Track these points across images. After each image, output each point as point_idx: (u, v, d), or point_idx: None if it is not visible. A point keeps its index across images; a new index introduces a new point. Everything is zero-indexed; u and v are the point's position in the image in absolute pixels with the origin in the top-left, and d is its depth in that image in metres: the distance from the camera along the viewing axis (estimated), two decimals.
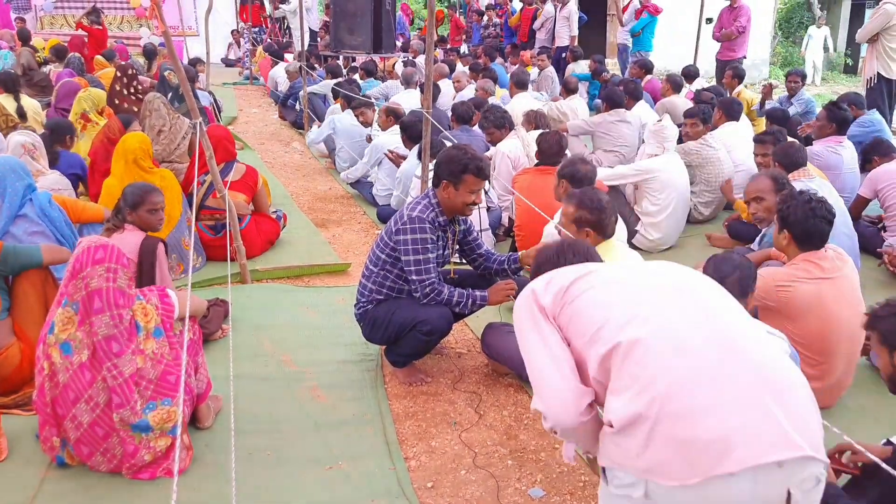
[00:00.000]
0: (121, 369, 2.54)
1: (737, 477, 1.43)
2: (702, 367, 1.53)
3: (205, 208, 4.81)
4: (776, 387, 1.52)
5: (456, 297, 3.25)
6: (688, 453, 1.47)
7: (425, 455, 2.92)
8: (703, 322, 1.62)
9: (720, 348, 1.56)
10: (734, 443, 1.44)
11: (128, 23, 16.09)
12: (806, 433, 1.47)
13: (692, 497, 1.48)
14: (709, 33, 9.80)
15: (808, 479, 1.48)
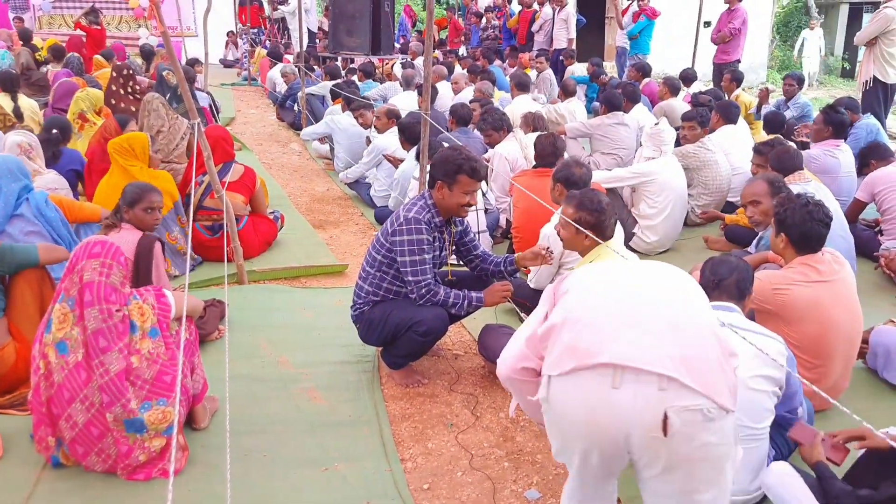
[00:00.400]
0: (107, 367, 2.54)
1: (600, 372, 1.63)
2: (621, 308, 1.74)
3: (202, 209, 4.80)
4: (683, 334, 1.66)
5: (452, 299, 3.25)
6: (574, 350, 1.69)
7: (422, 457, 2.91)
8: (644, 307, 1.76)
9: (649, 311, 1.72)
10: (609, 346, 1.65)
11: (126, 23, 16.06)
12: (698, 373, 1.60)
13: (570, 388, 1.69)
14: (707, 37, 9.82)
15: (692, 409, 1.59)
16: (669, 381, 1.60)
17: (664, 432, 1.61)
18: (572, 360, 1.69)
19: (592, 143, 6.75)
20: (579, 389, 1.69)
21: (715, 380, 1.63)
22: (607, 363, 1.64)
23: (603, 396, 1.65)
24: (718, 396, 1.61)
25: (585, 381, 1.68)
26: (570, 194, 3.36)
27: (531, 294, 4.03)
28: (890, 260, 4.51)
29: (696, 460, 1.66)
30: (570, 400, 1.71)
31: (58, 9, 15.47)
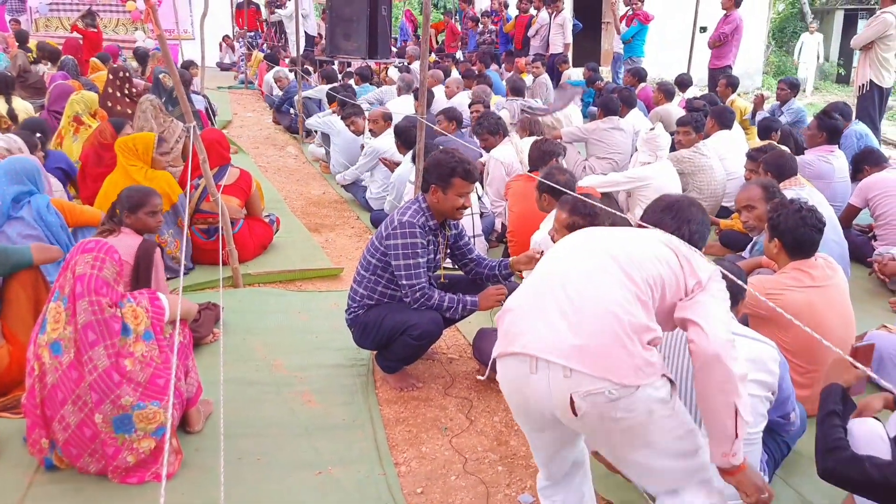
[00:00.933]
0: (95, 363, 2.53)
1: (520, 359, 1.83)
2: (542, 297, 1.89)
3: (199, 212, 4.80)
4: (583, 323, 1.79)
5: (447, 303, 3.25)
6: (504, 336, 1.91)
7: (415, 461, 2.91)
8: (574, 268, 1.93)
9: (563, 300, 1.85)
10: (524, 337, 1.84)
11: (123, 26, 16.08)
12: (596, 359, 1.73)
13: (503, 370, 1.92)
14: (702, 42, 9.85)
15: (594, 393, 1.73)
16: (572, 369, 1.75)
17: (574, 413, 1.77)
18: (501, 345, 1.92)
19: (588, 147, 6.76)
20: (509, 372, 1.91)
21: (614, 363, 1.73)
22: (521, 353, 1.83)
23: (524, 380, 1.85)
24: (620, 378, 1.72)
25: (511, 366, 1.89)
26: (563, 199, 3.37)
27: None
28: (883, 265, 4.53)
29: (614, 431, 1.82)
30: (504, 380, 1.95)
31: (54, 11, 15.49)
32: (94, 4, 14.90)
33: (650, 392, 1.76)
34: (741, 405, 1.77)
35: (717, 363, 1.76)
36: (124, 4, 14.90)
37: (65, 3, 15.67)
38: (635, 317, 1.78)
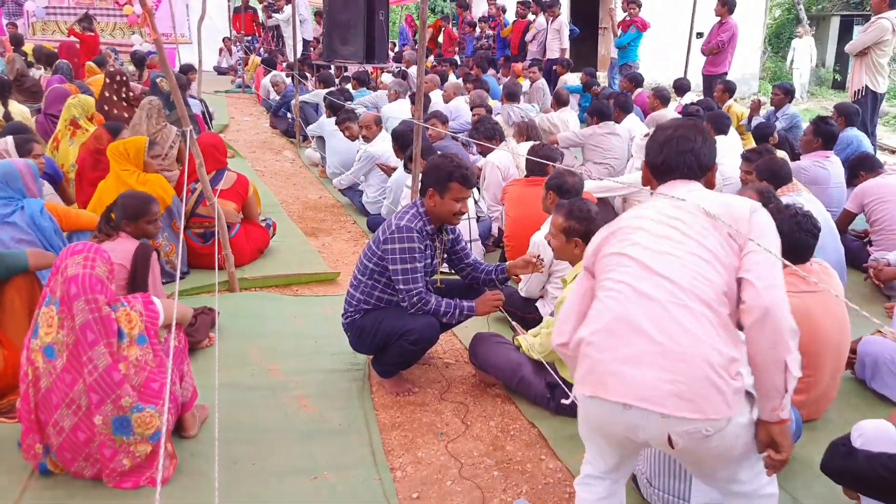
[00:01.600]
0: (95, 362, 2.53)
1: (612, 404, 1.85)
2: (631, 320, 1.88)
3: (195, 216, 4.79)
4: (676, 371, 1.80)
5: (443, 308, 3.25)
6: (591, 378, 1.91)
7: (411, 466, 2.91)
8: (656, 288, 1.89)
9: (651, 315, 1.87)
10: (615, 380, 1.85)
11: (120, 30, 16.07)
12: (692, 403, 1.77)
13: (590, 404, 1.94)
14: (698, 48, 9.88)
15: (692, 432, 1.79)
16: (669, 415, 1.80)
17: (671, 447, 1.84)
18: (590, 388, 1.92)
19: (584, 152, 6.77)
20: (597, 408, 1.93)
21: (709, 403, 1.79)
22: (615, 401, 1.86)
23: (617, 416, 1.88)
24: (714, 414, 1.78)
25: (601, 404, 1.90)
26: (559, 203, 3.37)
27: (522, 303, 4.04)
28: (878, 271, 4.54)
29: (708, 457, 1.90)
30: (591, 412, 1.98)
31: (51, 15, 15.48)
32: (90, 8, 14.90)
33: (739, 420, 1.83)
34: (791, 361, 1.79)
35: (768, 318, 1.79)
36: (121, 8, 14.93)
37: (62, 7, 15.66)
38: (723, 354, 1.82)
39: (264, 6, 17.16)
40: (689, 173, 2.10)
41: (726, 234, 1.92)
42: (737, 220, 1.93)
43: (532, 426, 3.19)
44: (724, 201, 2.00)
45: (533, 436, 3.13)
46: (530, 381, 3.28)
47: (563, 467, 2.90)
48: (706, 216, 1.94)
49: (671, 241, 1.94)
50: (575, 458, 2.92)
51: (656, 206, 2.05)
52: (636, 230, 2.01)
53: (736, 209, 1.96)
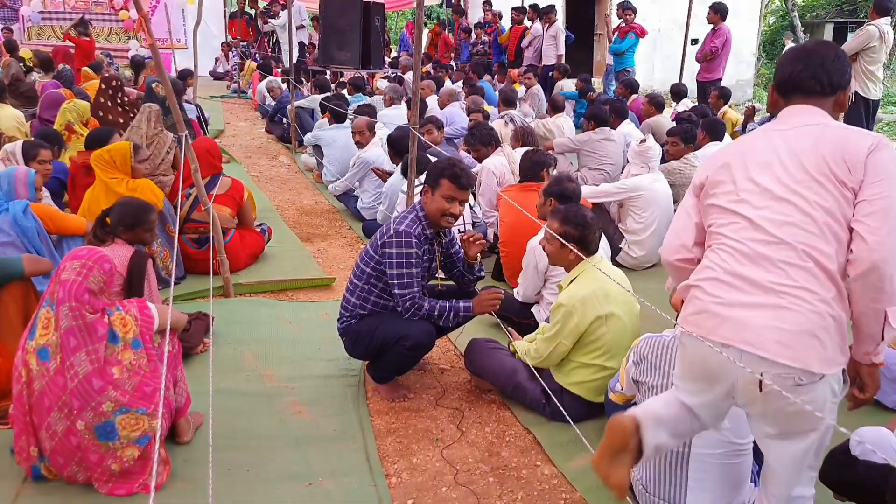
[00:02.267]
0: (76, 369, 2.52)
1: (713, 344, 1.87)
2: (742, 274, 1.88)
3: (190, 221, 4.78)
4: (788, 310, 1.81)
5: (437, 311, 3.24)
6: (699, 317, 1.93)
7: (406, 472, 2.90)
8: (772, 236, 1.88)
9: (765, 263, 1.86)
10: (726, 326, 1.86)
11: (116, 35, 16.06)
12: (793, 350, 1.78)
13: (690, 346, 1.97)
14: (692, 54, 9.92)
15: (784, 376, 1.79)
16: (768, 358, 1.81)
17: (759, 389, 1.83)
18: (696, 327, 1.93)
19: (580, 158, 6.78)
20: (698, 347, 1.94)
21: (809, 355, 1.79)
22: (720, 342, 1.87)
23: (716, 356, 1.88)
24: (810, 366, 1.78)
25: (701, 344, 1.92)
26: (555, 209, 3.38)
27: (518, 308, 4.04)
28: None
29: (790, 414, 1.86)
30: (690, 352, 1.99)
31: (47, 20, 15.46)
32: (86, 13, 14.89)
33: (832, 382, 1.83)
34: (892, 313, 1.79)
35: (873, 273, 1.77)
36: (117, 13, 14.93)
37: (57, 12, 15.64)
38: (836, 316, 1.82)
39: (260, 12, 17.17)
40: (816, 91, 2.00)
41: (840, 182, 1.84)
42: (852, 165, 1.84)
43: (527, 432, 3.19)
44: (839, 140, 1.88)
45: (528, 442, 3.13)
46: (526, 386, 3.28)
47: (559, 473, 2.90)
48: (821, 165, 1.86)
49: (786, 204, 1.88)
50: (570, 465, 2.93)
51: (774, 149, 1.95)
52: (749, 184, 1.95)
53: (851, 150, 1.85)
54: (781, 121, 2.03)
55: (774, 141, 1.97)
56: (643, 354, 2.56)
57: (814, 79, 2.00)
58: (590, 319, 3.04)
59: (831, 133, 1.90)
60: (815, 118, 1.98)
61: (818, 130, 1.92)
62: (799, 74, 2.01)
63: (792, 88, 2.04)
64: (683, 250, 2.12)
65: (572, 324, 3.04)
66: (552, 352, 3.14)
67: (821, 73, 1.99)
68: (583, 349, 3.11)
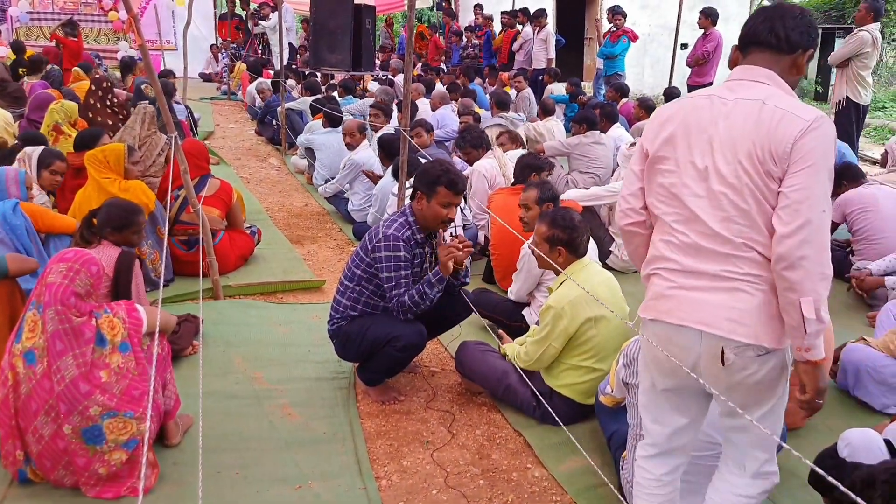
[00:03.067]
0: (63, 373, 2.50)
1: (672, 326, 1.97)
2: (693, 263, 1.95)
3: (178, 223, 4.76)
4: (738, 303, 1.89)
5: (417, 297, 3.19)
6: (656, 303, 2.02)
7: (397, 475, 2.89)
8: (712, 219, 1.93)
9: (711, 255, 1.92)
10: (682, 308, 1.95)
11: (105, 35, 15.97)
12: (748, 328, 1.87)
13: (651, 329, 2.04)
14: (682, 59, 9.98)
15: (742, 348, 1.88)
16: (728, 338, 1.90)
17: (722, 362, 1.91)
18: (655, 312, 2.02)
19: (570, 161, 6.80)
20: (659, 330, 2.03)
21: (759, 330, 1.87)
22: (678, 324, 1.96)
23: (675, 337, 1.98)
24: (767, 342, 1.87)
25: (662, 327, 2.02)
26: (543, 213, 3.38)
27: (508, 311, 4.04)
28: (861, 280, 4.58)
29: (744, 384, 1.94)
30: (652, 336, 2.05)
31: (35, 21, 15.36)
32: (75, 14, 14.80)
33: (783, 355, 1.93)
34: (805, 304, 1.78)
35: (785, 264, 1.80)
36: (106, 14, 14.84)
37: (46, 13, 15.54)
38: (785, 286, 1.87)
39: (250, 14, 17.11)
40: (772, 44, 1.94)
41: (767, 173, 1.84)
42: (779, 157, 1.82)
43: (518, 435, 3.19)
44: (770, 126, 1.84)
45: (519, 444, 3.13)
46: (516, 389, 3.28)
47: (549, 476, 2.90)
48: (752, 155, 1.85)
49: (721, 196, 1.89)
50: (561, 467, 2.93)
51: (715, 124, 1.92)
52: (689, 167, 1.96)
53: (779, 140, 1.82)
54: (729, 85, 1.99)
55: (716, 113, 1.93)
56: (633, 356, 2.57)
57: (771, 32, 1.95)
58: (579, 321, 3.04)
59: (766, 115, 1.85)
60: (758, 87, 1.93)
61: (756, 109, 1.87)
62: (757, 27, 1.98)
63: (749, 42, 2.00)
64: (633, 213, 2.13)
65: (562, 326, 3.04)
66: (542, 354, 3.14)
67: (778, 26, 1.94)
68: (573, 351, 3.12)
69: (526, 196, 4.01)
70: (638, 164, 2.11)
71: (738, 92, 1.94)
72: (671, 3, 12.07)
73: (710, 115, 1.94)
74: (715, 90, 1.99)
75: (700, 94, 2.03)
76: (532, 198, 3.97)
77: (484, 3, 14.34)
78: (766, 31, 1.96)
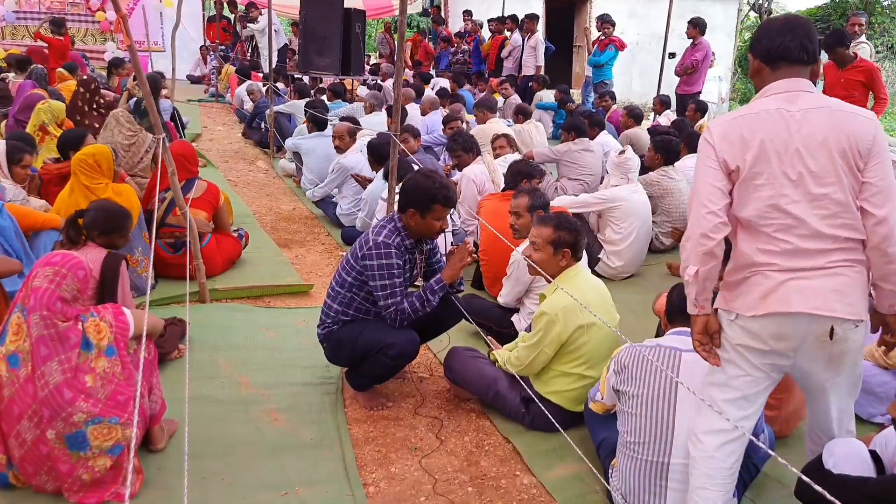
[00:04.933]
0: (47, 378, 2.46)
1: (788, 317, 2.11)
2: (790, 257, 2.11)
3: (165, 226, 4.71)
4: (839, 275, 2.10)
5: (417, 304, 3.21)
6: (765, 300, 2.12)
7: (384, 481, 2.87)
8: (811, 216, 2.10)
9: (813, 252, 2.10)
10: (789, 297, 2.09)
11: (92, 36, 15.85)
12: (852, 307, 2.10)
13: (759, 324, 2.13)
14: (670, 68, 10.04)
15: (847, 323, 2.11)
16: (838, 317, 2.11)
17: (831, 338, 2.12)
18: (764, 308, 2.12)
19: (559, 168, 6.81)
20: (768, 321, 2.13)
21: (859, 307, 2.12)
22: (794, 312, 2.10)
23: (786, 322, 2.12)
24: (863, 315, 2.13)
25: (775, 319, 2.13)
26: (545, 216, 3.38)
27: (498, 317, 4.03)
28: None
29: (846, 352, 2.19)
30: (763, 323, 2.14)
31: (21, 20, 15.22)
32: (62, 13, 14.67)
33: (867, 323, 2.19)
34: None
35: (884, 241, 2.06)
36: (94, 14, 14.73)
37: (32, 12, 15.40)
38: (866, 279, 2.16)
39: (239, 16, 17.05)
40: (802, 60, 2.17)
41: (854, 167, 2.07)
42: (863, 152, 2.07)
43: (507, 441, 3.17)
44: (846, 127, 2.08)
45: (507, 451, 3.11)
46: (505, 395, 3.27)
47: (538, 483, 2.89)
48: (838, 155, 2.07)
49: (821, 198, 2.08)
50: (549, 474, 2.91)
51: (791, 136, 2.09)
52: (783, 178, 2.10)
53: (860, 138, 2.07)
54: (784, 97, 2.15)
55: (792, 125, 2.10)
56: (624, 364, 2.57)
57: (802, 49, 2.16)
58: (572, 328, 3.04)
59: (840, 118, 2.09)
60: (807, 95, 2.14)
61: (826, 116, 2.09)
62: (788, 44, 2.16)
63: (779, 57, 2.18)
64: (724, 227, 2.15)
65: (554, 332, 3.04)
66: (534, 360, 3.13)
67: (807, 43, 2.17)
68: (563, 358, 3.11)
69: (517, 203, 4.01)
70: (720, 180, 2.16)
71: (797, 103, 2.12)
72: (659, 13, 12.18)
73: (786, 127, 2.10)
74: (772, 104, 2.15)
75: (761, 108, 2.16)
76: (523, 205, 3.96)
77: (473, 10, 14.38)
78: (797, 49, 2.16)
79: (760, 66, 2.23)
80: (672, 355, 2.46)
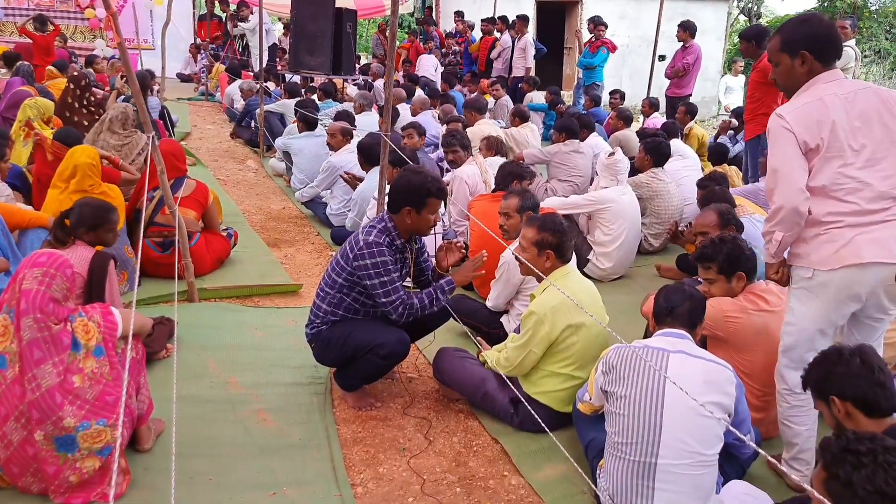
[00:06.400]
0: (38, 381, 2.44)
1: (861, 267, 2.49)
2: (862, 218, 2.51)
3: (153, 225, 4.68)
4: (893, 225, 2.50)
5: (426, 301, 3.23)
6: (835, 253, 2.52)
7: (373, 482, 2.86)
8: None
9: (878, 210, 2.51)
10: (860, 250, 2.49)
11: (81, 33, 15.74)
12: None
13: (836, 276, 2.52)
14: (661, 70, 10.09)
15: None
16: None
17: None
18: (838, 261, 2.51)
19: (550, 169, 6.83)
20: (843, 273, 2.51)
21: None
22: (866, 262, 2.47)
23: (859, 272, 2.49)
24: None
25: (851, 270, 2.50)
26: (530, 217, 3.39)
27: (487, 318, 4.04)
28: None
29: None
30: (840, 274, 2.52)
31: (9, 16, 15.11)
32: (51, 10, 14.57)
33: None
34: None
35: None
36: (83, 12, 14.65)
37: (20, 8, 15.28)
38: None
39: (230, 15, 16.98)
40: (838, 56, 2.62)
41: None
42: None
43: (495, 442, 3.18)
44: (890, 101, 2.54)
45: (496, 452, 3.12)
46: (494, 396, 3.27)
47: (526, 483, 2.89)
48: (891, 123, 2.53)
49: (881, 161, 2.51)
50: (538, 475, 2.92)
51: (849, 113, 2.51)
52: (849, 150, 2.51)
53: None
54: (833, 86, 2.55)
55: (846, 105, 2.52)
56: (612, 364, 2.58)
57: (840, 49, 2.63)
58: (560, 328, 3.04)
59: (883, 94, 2.56)
60: (851, 81, 2.66)
61: (871, 93, 2.55)
62: (838, 44, 2.61)
63: (834, 55, 2.60)
64: (804, 194, 2.52)
65: (543, 332, 3.04)
66: (523, 360, 3.13)
67: (840, 42, 2.63)
68: (552, 358, 3.12)
69: (507, 204, 4.01)
70: (801, 158, 2.54)
71: (843, 88, 2.56)
72: (650, 15, 12.23)
73: (843, 108, 2.52)
74: (824, 91, 2.56)
75: (821, 94, 2.55)
76: (513, 206, 3.97)
77: (465, 10, 14.38)
78: (840, 49, 2.62)
79: (813, 62, 2.59)
80: (659, 356, 2.47)
